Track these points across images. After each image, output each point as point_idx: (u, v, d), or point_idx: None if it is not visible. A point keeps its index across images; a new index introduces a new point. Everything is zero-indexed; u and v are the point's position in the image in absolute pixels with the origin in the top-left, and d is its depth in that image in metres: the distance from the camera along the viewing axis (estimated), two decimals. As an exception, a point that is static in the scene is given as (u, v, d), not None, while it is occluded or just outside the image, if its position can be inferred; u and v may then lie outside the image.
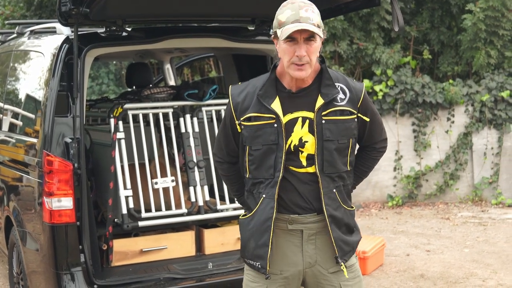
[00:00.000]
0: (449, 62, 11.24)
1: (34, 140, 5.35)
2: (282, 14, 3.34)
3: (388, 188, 10.83)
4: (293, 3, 3.34)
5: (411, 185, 10.74)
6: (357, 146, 3.66)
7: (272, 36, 3.45)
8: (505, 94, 10.63)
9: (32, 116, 5.62)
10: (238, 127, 3.53)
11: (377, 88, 10.67)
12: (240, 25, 6.09)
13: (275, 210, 3.43)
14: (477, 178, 10.75)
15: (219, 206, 5.78)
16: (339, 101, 3.47)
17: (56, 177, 4.99)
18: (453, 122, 10.78)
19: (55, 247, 5.03)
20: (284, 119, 3.42)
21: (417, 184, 10.79)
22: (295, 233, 3.50)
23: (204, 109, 5.97)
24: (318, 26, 3.33)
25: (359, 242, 3.66)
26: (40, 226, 5.14)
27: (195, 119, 5.88)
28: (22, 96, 5.99)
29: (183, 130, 5.80)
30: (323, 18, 3.47)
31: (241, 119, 3.49)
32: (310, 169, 3.45)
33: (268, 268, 3.47)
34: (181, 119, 5.83)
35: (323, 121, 3.42)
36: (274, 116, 3.43)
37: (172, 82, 8.50)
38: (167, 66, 8.54)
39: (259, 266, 3.50)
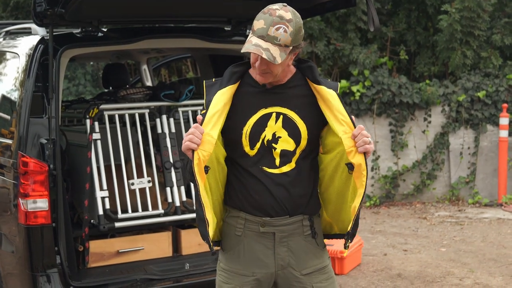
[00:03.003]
0: (425, 63, 11.30)
1: (9, 141, 5.31)
2: (257, 21, 3.30)
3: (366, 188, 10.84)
4: (271, 14, 3.27)
5: (388, 185, 10.78)
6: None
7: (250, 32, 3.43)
8: (481, 94, 10.70)
9: (7, 117, 5.58)
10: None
11: (354, 88, 10.70)
12: (217, 26, 6.08)
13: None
14: (453, 178, 10.82)
15: (195, 207, 5.76)
16: None
17: (32, 178, 4.95)
18: (430, 122, 10.83)
19: (31, 249, 4.99)
20: (259, 114, 3.43)
21: (394, 184, 10.83)
22: (267, 236, 3.49)
23: (180, 109, 5.95)
24: (285, 46, 3.27)
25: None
26: (15, 228, 5.10)
27: (171, 119, 5.86)
28: (-3, 97, 5.95)
29: (159, 130, 5.78)
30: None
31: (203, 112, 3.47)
32: (284, 169, 3.45)
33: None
34: (158, 120, 5.81)
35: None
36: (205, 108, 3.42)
37: (149, 83, 8.47)
38: (144, 67, 8.51)
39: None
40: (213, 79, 3.57)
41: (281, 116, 3.44)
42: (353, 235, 3.48)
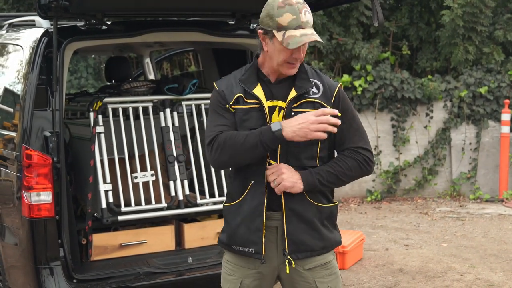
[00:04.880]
0: (427, 58, 11.29)
1: (13, 134, 5.32)
2: (281, 17, 3.32)
3: (367, 183, 10.86)
4: (291, 4, 3.32)
5: (390, 180, 10.78)
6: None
7: (261, 32, 3.42)
8: (483, 90, 10.69)
9: (10, 109, 5.58)
10: (231, 109, 3.48)
11: (356, 83, 10.70)
12: (220, 19, 6.07)
13: (266, 195, 3.42)
14: (455, 173, 10.82)
15: (199, 201, 5.77)
16: (311, 94, 3.48)
17: (35, 171, 4.96)
18: (431, 117, 10.83)
19: (34, 242, 5.00)
20: (266, 105, 3.44)
21: (396, 179, 10.83)
22: (271, 229, 3.48)
23: (184, 103, 5.95)
24: (312, 25, 3.38)
25: (328, 247, 3.58)
26: (19, 220, 5.10)
27: (175, 113, 5.86)
28: (0, 89, 5.94)
29: (163, 124, 5.78)
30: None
31: (231, 102, 3.47)
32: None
33: (263, 253, 3.45)
34: (161, 113, 5.81)
35: (292, 113, 3.42)
36: (257, 101, 3.43)
37: (151, 76, 8.46)
38: (147, 60, 8.50)
39: (253, 252, 3.47)
40: (222, 78, 3.62)
41: (282, 111, 3.45)
42: None
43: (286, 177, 3.38)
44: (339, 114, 3.39)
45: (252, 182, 3.45)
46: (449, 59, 11.12)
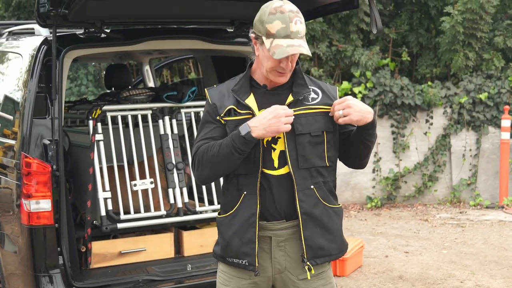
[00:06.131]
0: (427, 64, 11.31)
1: (12, 142, 5.32)
2: (271, 24, 3.29)
3: (367, 189, 10.87)
4: (282, 12, 3.29)
5: (389, 186, 10.78)
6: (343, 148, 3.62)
7: (253, 36, 3.41)
8: (483, 96, 10.70)
9: (10, 117, 5.59)
10: (222, 120, 3.48)
11: (356, 90, 10.71)
12: (219, 27, 6.08)
13: (258, 206, 3.41)
14: (455, 180, 10.82)
15: (198, 208, 5.77)
16: (311, 100, 3.48)
17: (35, 179, 4.96)
18: (431, 124, 10.84)
19: (33, 249, 5.00)
20: (259, 114, 3.41)
21: (395, 185, 10.83)
22: (264, 239, 3.47)
23: (183, 111, 5.96)
24: (303, 36, 3.34)
25: (344, 250, 3.60)
26: (18, 228, 5.10)
27: (174, 121, 5.87)
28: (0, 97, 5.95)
29: (162, 132, 5.79)
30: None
31: (222, 114, 3.47)
32: (283, 171, 3.43)
33: (256, 265, 3.44)
34: (160, 121, 5.82)
35: (293, 116, 3.39)
36: (250, 112, 3.42)
37: (151, 84, 8.48)
38: (146, 68, 8.52)
39: (246, 264, 3.46)
40: (215, 85, 3.61)
41: None
42: None
43: (353, 111, 3.39)
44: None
45: (245, 193, 3.44)
46: (449, 66, 11.13)
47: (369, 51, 10.81)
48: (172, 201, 5.68)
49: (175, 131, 5.83)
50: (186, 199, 5.73)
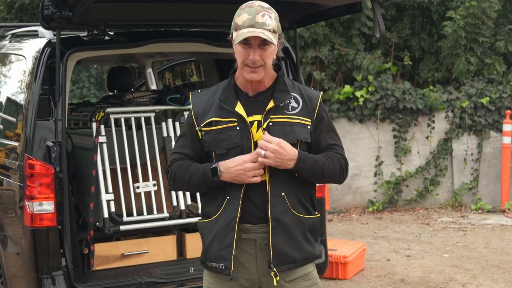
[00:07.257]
0: (429, 69, 11.31)
1: (16, 144, 5.33)
2: (239, 17, 3.35)
3: (369, 193, 10.87)
4: (251, 6, 3.36)
5: (391, 190, 10.78)
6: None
7: (230, 37, 3.45)
8: (484, 100, 10.70)
9: (13, 119, 5.60)
10: (199, 133, 3.51)
11: (358, 93, 10.71)
12: (222, 30, 6.10)
13: (239, 210, 3.41)
14: (457, 184, 10.82)
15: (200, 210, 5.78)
16: (291, 109, 3.48)
17: (38, 181, 4.97)
18: (433, 128, 10.84)
19: (36, 251, 5.01)
20: (248, 121, 3.43)
21: (397, 189, 10.84)
22: (249, 242, 3.48)
23: (186, 113, 5.97)
24: (274, 31, 3.35)
25: (309, 259, 3.57)
26: (21, 230, 5.12)
27: (177, 123, 5.88)
28: (3, 99, 5.96)
29: (165, 134, 5.80)
30: (305, 24, 3.48)
31: (201, 125, 3.49)
32: (263, 176, 3.43)
33: (232, 269, 3.44)
34: (163, 124, 5.83)
35: (270, 123, 3.41)
36: (235, 120, 3.43)
37: (153, 87, 8.49)
38: (149, 71, 8.53)
39: (223, 267, 3.46)
40: (199, 90, 3.63)
41: (260, 123, 3.44)
42: None
43: (273, 157, 3.35)
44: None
45: (228, 198, 3.45)
46: (450, 70, 11.13)
47: (371, 55, 10.82)
48: (174, 203, 5.69)
49: (178, 133, 5.84)
50: (189, 201, 5.74)
